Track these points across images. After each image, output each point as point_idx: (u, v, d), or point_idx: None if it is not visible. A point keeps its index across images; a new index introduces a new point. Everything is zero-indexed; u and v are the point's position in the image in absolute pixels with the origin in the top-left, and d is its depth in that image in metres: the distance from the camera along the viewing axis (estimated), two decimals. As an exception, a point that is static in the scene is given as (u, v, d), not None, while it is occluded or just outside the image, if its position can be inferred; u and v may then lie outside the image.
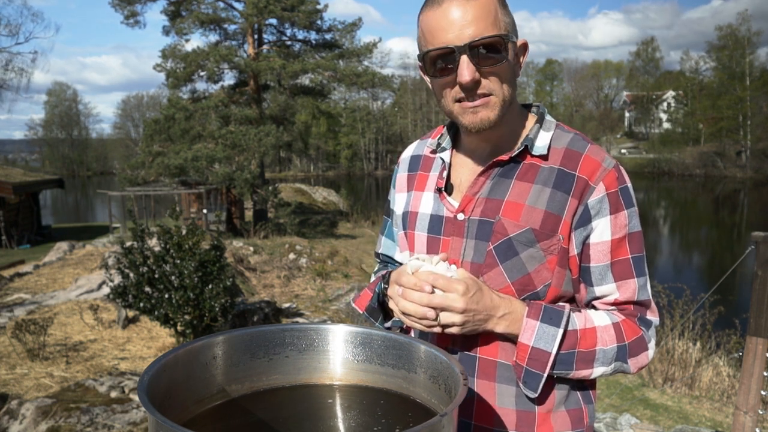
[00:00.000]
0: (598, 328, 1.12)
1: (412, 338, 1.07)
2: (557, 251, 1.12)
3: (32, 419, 4.36)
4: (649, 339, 1.15)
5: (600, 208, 1.11)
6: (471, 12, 1.05)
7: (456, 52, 1.06)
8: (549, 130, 1.18)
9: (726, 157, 49.00)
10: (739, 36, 49.09)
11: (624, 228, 1.13)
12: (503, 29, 1.08)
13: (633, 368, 1.14)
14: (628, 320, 1.15)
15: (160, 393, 0.89)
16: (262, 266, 12.63)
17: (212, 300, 5.90)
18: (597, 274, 1.14)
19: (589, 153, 1.14)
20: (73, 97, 68.31)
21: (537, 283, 1.13)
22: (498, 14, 1.08)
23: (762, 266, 3.36)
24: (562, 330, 1.08)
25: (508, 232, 1.12)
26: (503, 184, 1.15)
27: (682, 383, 6.43)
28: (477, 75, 1.07)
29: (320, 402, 1.08)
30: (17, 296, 8.74)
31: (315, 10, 20.69)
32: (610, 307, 1.16)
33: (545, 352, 1.08)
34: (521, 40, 1.15)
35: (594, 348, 1.10)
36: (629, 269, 1.13)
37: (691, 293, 7.06)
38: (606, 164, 1.13)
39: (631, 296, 1.14)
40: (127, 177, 20.64)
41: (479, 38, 1.05)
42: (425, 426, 0.76)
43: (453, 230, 1.19)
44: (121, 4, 20.55)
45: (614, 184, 1.12)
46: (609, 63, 71.36)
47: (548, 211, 1.11)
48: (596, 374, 1.12)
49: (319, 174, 60.47)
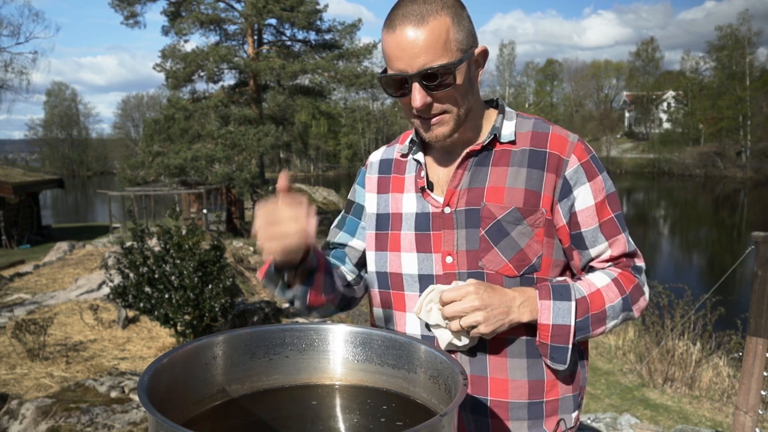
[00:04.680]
0: (602, 288, 1.21)
1: (412, 338, 1.07)
2: (543, 224, 1.20)
3: (32, 419, 4.36)
4: (643, 283, 1.27)
5: (577, 177, 1.21)
6: (421, 40, 1.10)
7: (408, 80, 1.13)
8: (511, 119, 1.27)
9: (726, 157, 49.01)
10: (739, 36, 49.11)
11: (602, 191, 1.23)
12: (455, 51, 1.12)
13: (636, 313, 1.26)
14: (623, 272, 1.25)
15: (160, 393, 0.89)
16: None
17: (212, 300, 5.90)
18: (589, 237, 1.23)
19: (554, 131, 1.24)
20: (73, 97, 68.43)
21: (531, 256, 1.20)
22: (450, 36, 1.12)
23: (762, 266, 3.36)
24: (574, 302, 1.17)
25: (495, 215, 1.19)
26: (481, 172, 1.23)
27: (682, 383, 6.43)
28: (428, 99, 1.15)
29: (320, 402, 1.08)
30: (17, 296, 8.74)
31: (314, 10, 20.71)
32: (606, 264, 1.26)
33: (565, 326, 1.16)
34: (479, 48, 1.19)
35: (604, 307, 1.20)
36: (615, 226, 1.24)
37: (692, 293, 7.05)
38: (572, 139, 1.23)
39: (623, 249, 1.25)
40: (127, 177, 20.68)
41: (428, 68, 1.11)
42: (425, 426, 0.76)
43: (442, 224, 1.24)
44: (120, 4, 20.56)
45: (584, 155, 1.22)
46: (609, 63, 71.40)
47: (528, 189, 1.20)
48: (609, 328, 1.22)
49: (319, 174, 60.47)
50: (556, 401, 1.25)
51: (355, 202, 1.43)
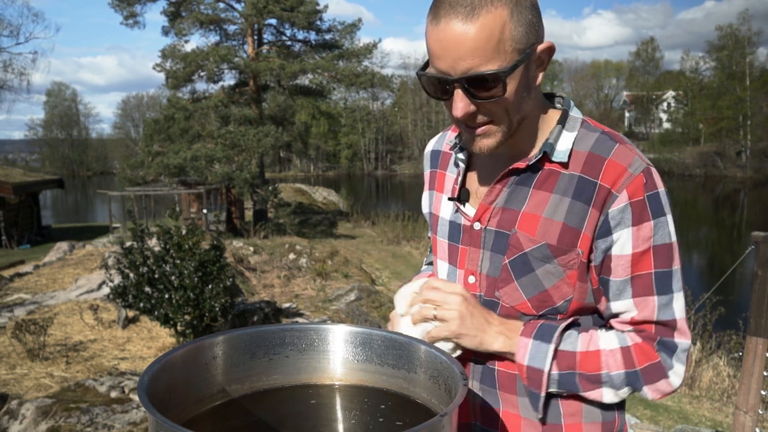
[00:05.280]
0: (603, 351, 1.04)
1: (412, 338, 1.07)
2: (577, 266, 1.03)
3: (32, 419, 4.36)
4: (670, 365, 1.03)
5: (621, 218, 1.01)
6: (470, 38, 0.93)
7: (450, 83, 0.98)
8: (573, 131, 1.07)
9: (726, 157, 49.00)
10: (739, 36, 49.10)
11: (648, 240, 1.01)
12: (510, 53, 0.95)
13: (652, 395, 1.05)
14: (644, 344, 1.04)
15: (160, 393, 0.89)
16: (262, 266, 12.62)
17: (212, 300, 5.90)
18: (615, 288, 1.04)
19: (614, 157, 1.02)
20: (73, 97, 68.36)
21: (556, 299, 1.06)
22: (505, 34, 0.94)
23: (762, 266, 3.36)
24: (554, 346, 1.03)
25: (523, 247, 1.05)
26: (520, 193, 1.07)
27: (683, 383, 6.42)
28: (471, 108, 0.99)
29: (320, 402, 1.08)
30: (17, 296, 8.74)
31: (314, 10, 20.71)
32: (626, 327, 1.06)
33: (539, 370, 1.04)
34: (544, 44, 1.00)
35: (599, 372, 1.03)
36: (650, 285, 1.02)
37: (692, 293, 7.05)
38: (633, 169, 1.01)
39: (649, 315, 1.03)
40: (127, 177, 20.69)
41: (474, 74, 0.94)
42: (425, 426, 0.76)
43: (470, 240, 1.13)
44: (120, 4, 20.56)
45: (640, 192, 1.01)
46: (609, 63, 71.37)
47: (566, 224, 1.03)
48: (608, 397, 1.05)
49: (319, 174, 60.46)
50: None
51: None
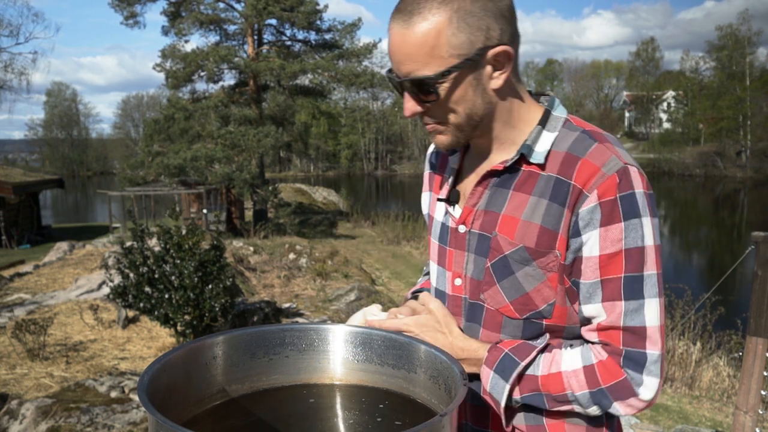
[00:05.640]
0: (564, 373, 1.02)
1: (412, 338, 1.07)
2: (557, 268, 1.02)
3: (32, 419, 4.36)
4: (639, 381, 0.99)
5: (590, 219, 0.97)
6: (406, 44, 0.95)
7: (399, 84, 1.02)
8: (553, 131, 1.05)
9: (726, 157, 48.99)
10: (739, 36, 49.09)
11: (618, 243, 0.97)
12: (447, 58, 0.95)
13: (624, 410, 1.01)
14: (608, 360, 1.00)
15: (160, 393, 0.89)
16: (262, 266, 12.62)
17: (212, 300, 5.90)
18: (585, 291, 1.01)
19: (588, 156, 0.99)
20: (73, 97, 68.34)
21: (538, 302, 1.04)
22: (440, 41, 0.94)
23: (762, 266, 3.36)
24: (509, 386, 1.03)
25: (503, 250, 1.05)
26: (501, 194, 1.07)
27: (682, 383, 6.43)
28: (418, 108, 1.02)
29: (320, 402, 1.08)
30: (17, 296, 8.74)
31: (314, 10, 20.71)
32: (594, 336, 1.03)
33: (497, 401, 1.06)
34: (498, 48, 0.97)
35: (564, 392, 1.02)
36: (618, 290, 0.98)
37: (692, 293, 7.06)
38: (606, 168, 0.97)
39: (615, 321, 0.99)
40: (127, 177, 20.70)
41: (410, 78, 0.98)
42: (425, 426, 0.76)
43: (456, 242, 1.14)
44: (120, 4, 20.56)
45: (611, 192, 0.96)
46: (609, 63, 71.44)
47: (543, 227, 1.01)
48: (585, 410, 1.03)
49: (319, 174, 60.46)
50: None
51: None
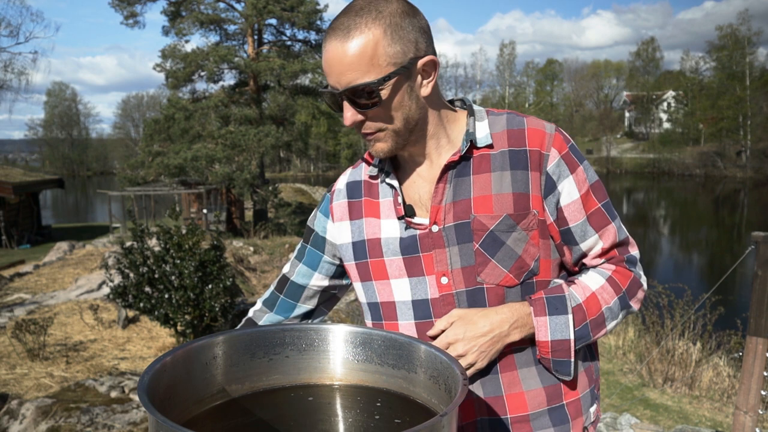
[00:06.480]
0: (597, 291, 1.18)
1: (412, 338, 1.07)
2: (536, 225, 1.16)
3: (32, 419, 4.36)
4: (639, 275, 1.23)
5: (560, 171, 1.16)
6: (347, 56, 1.05)
7: (338, 96, 1.10)
8: (483, 119, 1.20)
9: (726, 157, 49.02)
10: (739, 36, 49.12)
11: (585, 182, 1.18)
12: (385, 66, 1.06)
13: (635, 306, 1.22)
14: (618, 268, 1.21)
15: (160, 393, 0.89)
16: (262, 266, 12.62)
17: (212, 300, 5.90)
18: (578, 231, 1.18)
19: (529, 126, 1.18)
20: (73, 97, 68.44)
21: (529, 261, 1.16)
22: (378, 51, 1.05)
23: (762, 266, 3.36)
24: (571, 314, 1.14)
25: (487, 226, 1.14)
26: (463, 183, 1.17)
27: (682, 383, 6.43)
28: (358, 117, 1.11)
29: (320, 402, 1.08)
30: (17, 296, 8.74)
31: (315, 10, 20.70)
32: (598, 260, 1.22)
33: (565, 340, 1.14)
34: (424, 59, 1.10)
35: (601, 310, 1.17)
36: (604, 216, 1.19)
37: (692, 293, 7.05)
38: (548, 130, 1.17)
39: (614, 239, 1.20)
40: (127, 177, 20.67)
41: (351, 86, 1.06)
42: (425, 426, 0.76)
43: (432, 244, 1.18)
44: (120, 4, 20.56)
45: (564, 146, 1.17)
46: (609, 63, 71.41)
47: (516, 193, 1.15)
48: (610, 329, 1.20)
49: (319, 174, 60.48)
50: (577, 401, 1.21)
51: (315, 230, 1.35)
